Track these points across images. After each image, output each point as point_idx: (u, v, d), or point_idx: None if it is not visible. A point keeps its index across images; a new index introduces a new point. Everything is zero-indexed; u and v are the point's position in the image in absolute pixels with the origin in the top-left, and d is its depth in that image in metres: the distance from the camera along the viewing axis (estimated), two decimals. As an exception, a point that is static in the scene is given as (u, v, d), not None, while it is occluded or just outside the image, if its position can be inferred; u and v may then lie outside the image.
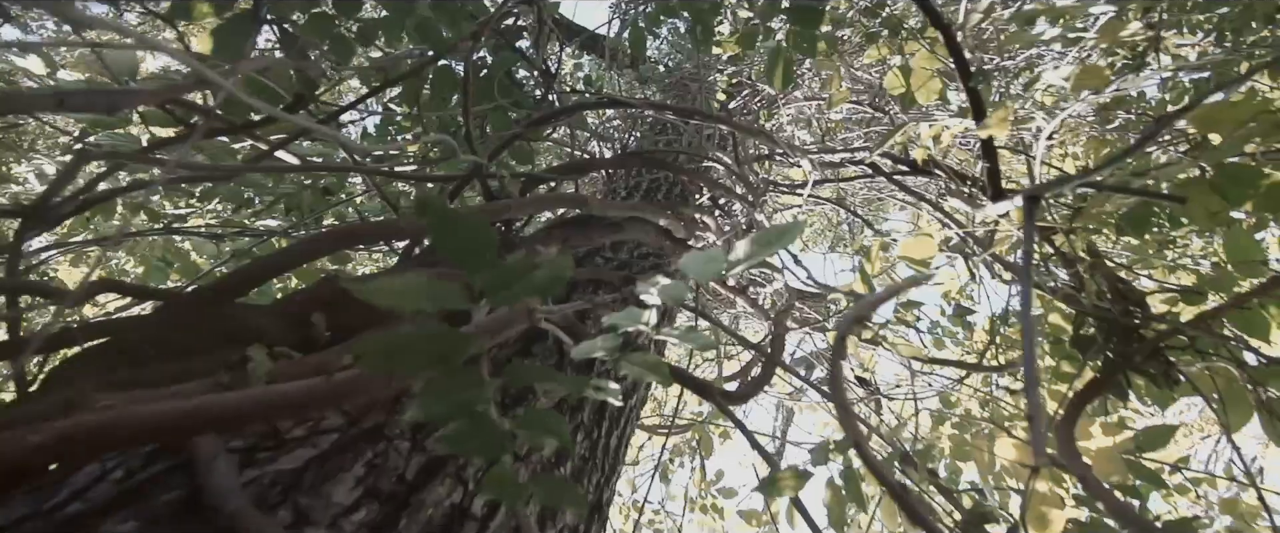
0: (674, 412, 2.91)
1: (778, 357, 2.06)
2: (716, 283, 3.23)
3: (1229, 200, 1.63)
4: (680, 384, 2.00)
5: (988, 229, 1.73)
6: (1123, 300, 1.70)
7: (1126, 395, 1.68)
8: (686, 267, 0.81)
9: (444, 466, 1.08)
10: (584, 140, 3.61)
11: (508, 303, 0.59)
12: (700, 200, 3.19)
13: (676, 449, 4.19)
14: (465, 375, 0.64)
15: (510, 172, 1.92)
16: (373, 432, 1.06)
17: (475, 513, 1.06)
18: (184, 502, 0.79)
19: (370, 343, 0.58)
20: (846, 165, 3.16)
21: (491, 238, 0.58)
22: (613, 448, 1.82)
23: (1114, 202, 1.70)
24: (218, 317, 1.14)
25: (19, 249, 1.15)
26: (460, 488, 1.07)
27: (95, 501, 0.80)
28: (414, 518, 0.97)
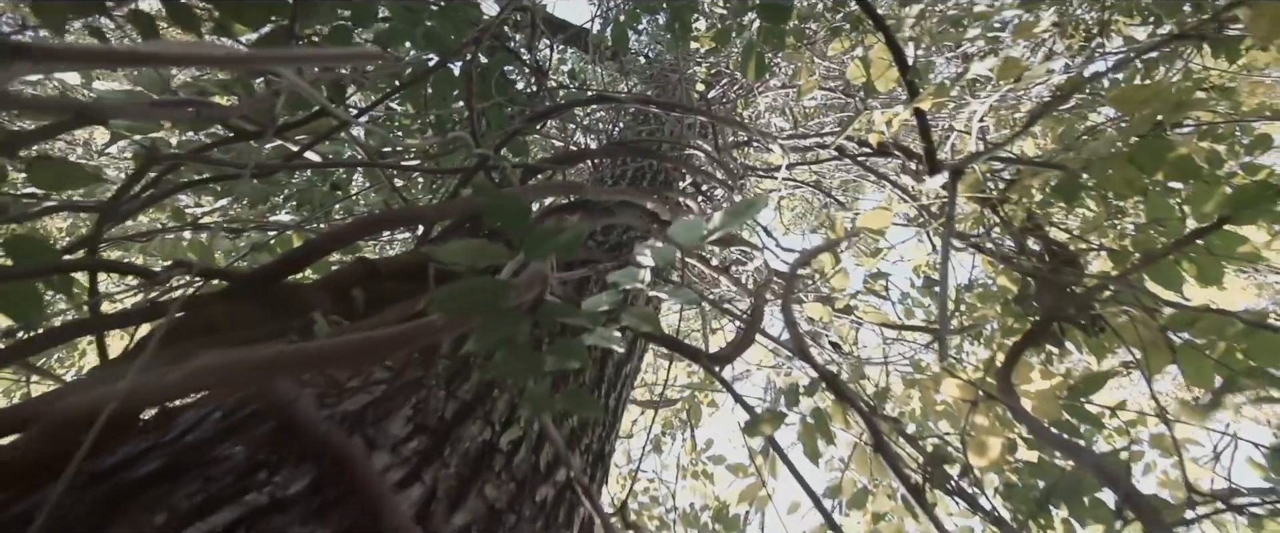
0: (664, 384, 3.12)
1: (757, 323, 2.26)
2: (703, 265, 3.44)
3: (1143, 171, 1.86)
4: (669, 349, 2.21)
5: (941, 202, 1.94)
6: (1057, 261, 1.92)
7: (1062, 344, 1.91)
8: (673, 233, 1.02)
9: (474, 410, 1.28)
10: (572, 132, 3.80)
11: (542, 257, 0.79)
12: (683, 185, 3.39)
13: (667, 422, 4.42)
14: (507, 316, 0.83)
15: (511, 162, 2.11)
16: (414, 382, 1.25)
17: (502, 448, 1.26)
18: (277, 431, 0.98)
19: (442, 293, 0.78)
20: (815, 149, 3.37)
21: (529, 209, 0.77)
22: (611, 407, 2.02)
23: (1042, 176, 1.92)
24: (274, 293, 1.33)
25: (99, 237, 1.33)
26: (489, 428, 1.27)
27: (205, 434, 0.99)
28: (454, 449, 1.17)
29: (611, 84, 5.45)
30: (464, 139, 1.51)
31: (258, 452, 0.95)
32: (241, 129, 1.52)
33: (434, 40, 1.67)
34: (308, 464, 0.93)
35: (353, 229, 1.35)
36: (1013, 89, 1.96)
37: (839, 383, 1.27)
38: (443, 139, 1.87)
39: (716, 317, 4.12)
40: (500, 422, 1.32)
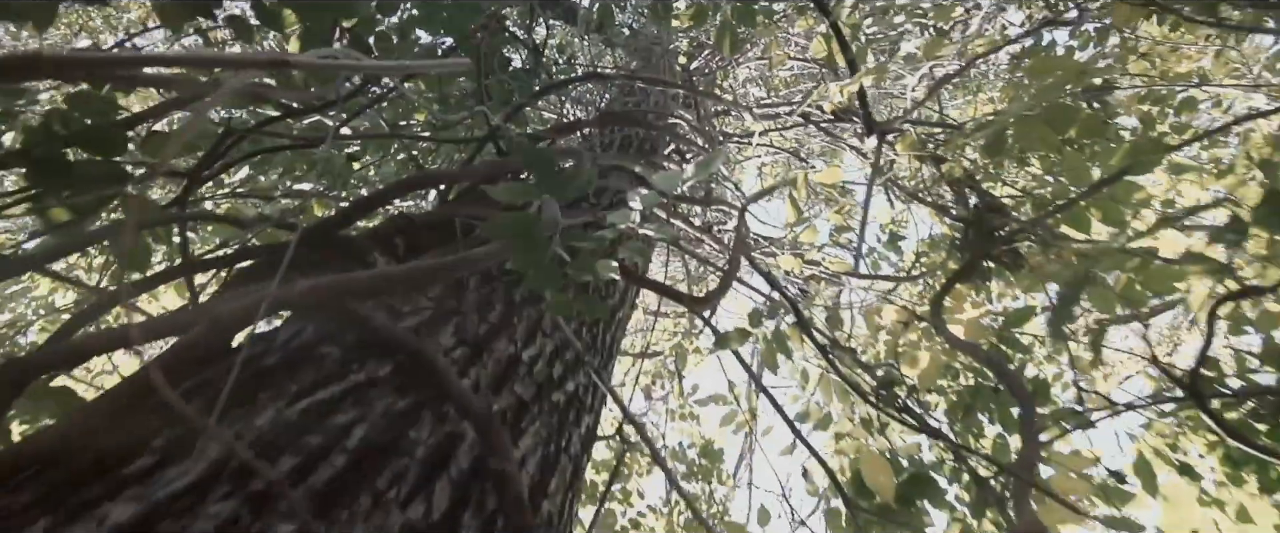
0: (651, 326, 3.45)
1: (734, 270, 2.56)
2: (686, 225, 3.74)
3: (1056, 131, 2.17)
4: (658, 292, 2.52)
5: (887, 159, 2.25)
6: (987, 210, 2.23)
7: (988, 279, 2.23)
8: (656, 181, 1.31)
9: (500, 331, 1.59)
10: (563, 103, 4.06)
11: (564, 198, 1.08)
12: (667, 151, 3.68)
13: (657, 372, 4.76)
14: (539, 241, 1.13)
15: (516, 132, 2.39)
16: (452, 310, 1.55)
17: (524, 359, 1.57)
18: (359, 340, 1.28)
19: (496, 222, 1.07)
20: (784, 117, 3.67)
21: (554, 159, 1.07)
22: (607, 344, 2.33)
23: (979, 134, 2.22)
24: (332, 241, 1.62)
25: (187, 199, 1.61)
26: (513, 345, 1.58)
27: (305, 340, 1.28)
28: (488, 359, 1.47)
29: (598, 56, 5.69)
30: (483, 112, 1.78)
31: (348, 351, 1.25)
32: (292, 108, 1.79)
33: (451, 25, 1.92)
34: (387, 359, 1.23)
35: (395, 189, 1.63)
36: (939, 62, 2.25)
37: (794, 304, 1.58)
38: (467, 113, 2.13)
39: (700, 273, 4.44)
40: (521, 341, 1.62)
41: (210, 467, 0.84)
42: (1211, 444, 2.19)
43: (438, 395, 1.19)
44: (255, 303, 1.04)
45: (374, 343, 1.26)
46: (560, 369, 1.74)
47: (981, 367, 2.10)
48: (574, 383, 1.80)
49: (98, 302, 1.43)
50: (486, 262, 1.33)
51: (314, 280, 1.21)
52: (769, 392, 2.31)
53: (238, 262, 1.52)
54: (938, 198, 2.34)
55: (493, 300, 1.70)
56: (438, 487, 1.04)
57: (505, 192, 1.04)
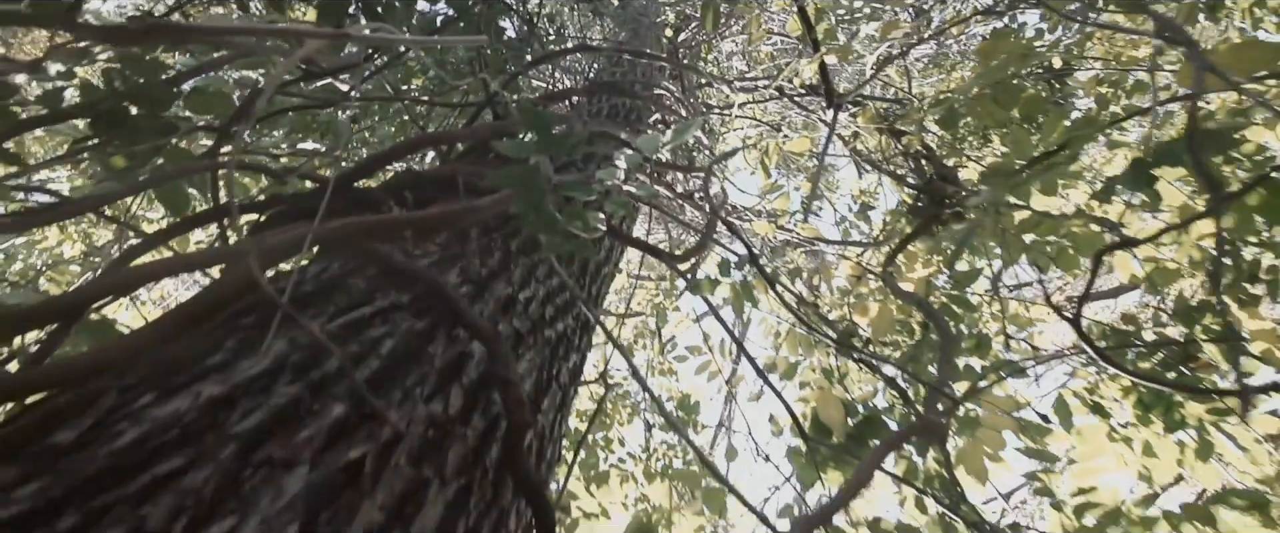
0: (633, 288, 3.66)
1: (712, 230, 2.78)
2: (668, 190, 3.94)
3: (1002, 108, 2.39)
4: (641, 250, 2.73)
5: (852, 131, 2.46)
6: (939, 178, 2.46)
7: (938, 240, 2.46)
8: (639, 143, 1.51)
9: (499, 274, 1.79)
10: (552, 71, 4.21)
11: (560, 155, 1.27)
12: (652, 120, 3.86)
13: (639, 332, 5.00)
14: (538, 189, 1.33)
15: (511, 98, 2.56)
16: (457, 255, 1.75)
17: (520, 300, 1.78)
18: (381, 274, 1.48)
19: (502, 173, 1.27)
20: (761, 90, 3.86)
21: (553, 119, 1.26)
22: (594, 293, 2.55)
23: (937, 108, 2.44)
24: (350, 192, 1.80)
25: (217, 151, 1.78)
26: (510, 287, 1.78)
27: (333, 274, 1.48)
28: (489, 297, 1.67)
29: (586, 26, 5.81)
30: (483, 79, 1.97)
31: (372, 282, 1.45)
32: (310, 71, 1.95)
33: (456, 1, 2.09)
34: (406, 290, 1.44)
35: (407, 146, 1.81)
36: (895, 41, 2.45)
37: (755, 257, 1.79)
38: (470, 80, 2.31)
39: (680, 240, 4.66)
40: (517, 283, 1.82)
41: (274, 361, 1.05)
42: (1126, 390, 2.46)
43: (451, 320, 1.40)
44: (300, 236, 1.23)
45: (393, 276, 1.46)
46: (551, 311, 1.95)
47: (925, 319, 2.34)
48: (563, 324, 2.01)
49: (145, 239, 1.61)
50: (492, 211, 1.53)
51: (347, 220, 1.41)
52: (741, 343, 2.54)
53: (268, 209, 1.71)
54: (897, 168, 2.56)
55: (492, 249, 1.89)
56: (453, 391, 1.25)
57: (511, 147, 1.24)
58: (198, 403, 0.92)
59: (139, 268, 1.52)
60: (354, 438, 0.98)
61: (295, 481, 0.86)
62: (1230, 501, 1.91)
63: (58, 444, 0.81)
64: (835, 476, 2.55)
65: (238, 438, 0.87)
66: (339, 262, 1.53)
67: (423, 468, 1.05)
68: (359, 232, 1.40)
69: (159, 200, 1.62)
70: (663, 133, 3.63)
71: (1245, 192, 1.46)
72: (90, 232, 3.65)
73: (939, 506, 2.31)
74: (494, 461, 1.24)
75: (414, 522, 0.98)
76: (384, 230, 1.46)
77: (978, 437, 2.16)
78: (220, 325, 1.19)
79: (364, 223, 1.41)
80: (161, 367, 1.00)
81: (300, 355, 1.08)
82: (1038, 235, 2.41)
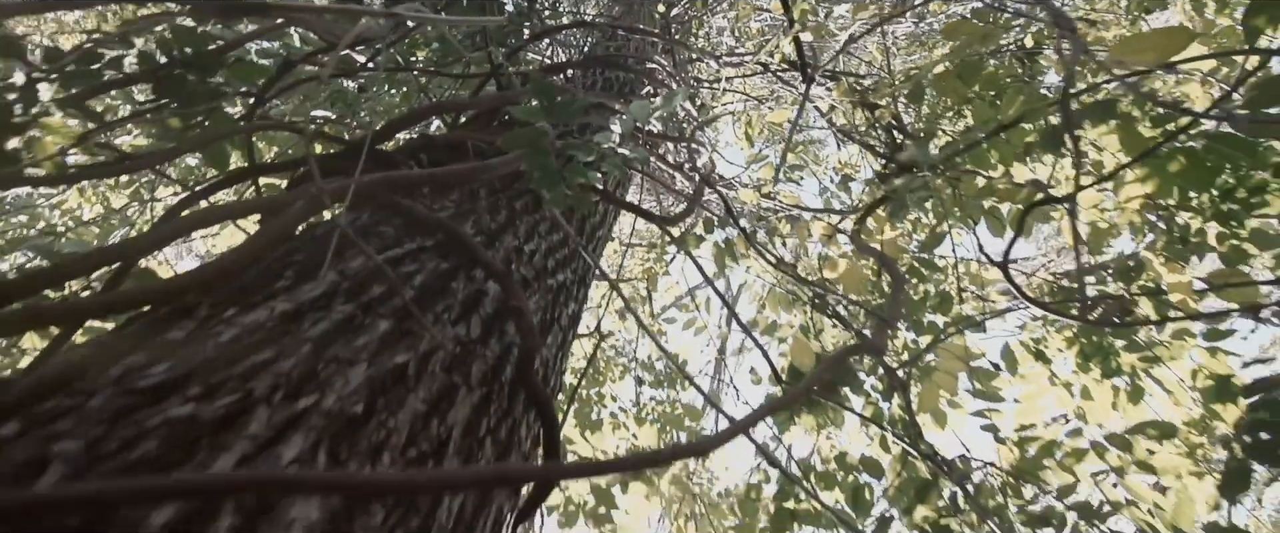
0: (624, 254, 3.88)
1: (700, 194, 2.99)
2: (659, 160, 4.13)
3: (965, 84, 2.59)
4: (633, 213, 2.94)
5: (830, 103, 2.66)
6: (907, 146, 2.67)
7: (905, 206, 2.68)
8: (631, 110, 1.71)
9: (507, 228, 1.99)
10: (549, 45, 4.37)
11: (563, 120, 1.48)
12: (644, 92, 4.04)
13: (631, 297, 5.22)
14: (544, 149, 1.53)
15: (516, 71, 2.75)
16: (470, 208, 1.95)
17: (525, 251, 1.99)
18: (406, 223, 1.69)
19: (513, 134, 1.47)
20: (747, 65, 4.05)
21: (556, 88, 1.46)
22: (591, 250, 2.77)
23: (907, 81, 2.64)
24: (373, 154, 2.00)
25: (253, 113, 1.97)
26: (516, 239, 1.99)
27: (363, 223, 1.68)
28: (499, 248, 1.88)
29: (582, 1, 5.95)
30: (487, 52, 2.15)
31: (399, 230, 1.66)
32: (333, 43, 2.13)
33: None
34: (429, 237, 1.64)
35: (421, 112, 2.01)
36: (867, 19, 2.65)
37: (736, 217, 2.01)
38: (477, 52, 2.49)
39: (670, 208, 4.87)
40: (522, 237, 2.03)
41: (329, 286, 1.26)
42: (1069, 342, 2.71)
43: (469, 262, 1.61)
44: (344, 187, 1.44)
45: (417, 225, 1.67)
46: (552, 263, 2.16)
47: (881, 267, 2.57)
48: (563, 276, 2.22)
49: (192, 193, 1.81)
50: (501, 171, 1.74)
51: (382, 173, 1.61)
52: (726, 298, 2.77)
53: (298, 167, 1.90)
54: (871, 139, 2.77)
55: (499, 206, 2.10)
56: (473, 319, 1.47)
57: (521, 112, 1.44)
58: (273, 315, 1.13)
59: (191, 216, 1.72)
60: (398, 348, 1.20)
61: (357, 374, 1.08)
62: (1146, 431, 2.17)
63: (170, 339, 1.02)
64: (808, 420, 2.79)
65: (310, 340, 1.08)
66: (368, 212, 1.73)
67: (453, 375, 1.27)
68: (392, 184, 1.60)
69: (205, 158, 1.81)
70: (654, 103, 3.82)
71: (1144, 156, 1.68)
72: (108, 194, 3.82)
73: (900, 444, 2.57)
74: (508, 378, 1.46)
75: (448, 415, 1.20)
76: (411, 184, 1.67)
77: (934, 380, 2.40)
78: (277, 260, 1.40)
79: (397, 176, 1.61)
80: (237, 288, 1.21)
81: (350, 283, 1.29)
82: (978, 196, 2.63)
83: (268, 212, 1.64)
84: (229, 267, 1.27)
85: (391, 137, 2.02)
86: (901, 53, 4.60)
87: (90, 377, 0.90)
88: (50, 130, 1.31)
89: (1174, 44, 1.70)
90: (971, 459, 2.32)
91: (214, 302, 1.16)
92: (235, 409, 0.88)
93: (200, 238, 4.51)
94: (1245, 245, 2.10)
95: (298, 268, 1.32)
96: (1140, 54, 1.67)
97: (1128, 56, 1.69)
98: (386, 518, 0.94)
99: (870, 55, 4.82)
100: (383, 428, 1.03)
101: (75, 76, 1.33)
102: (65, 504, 0.66)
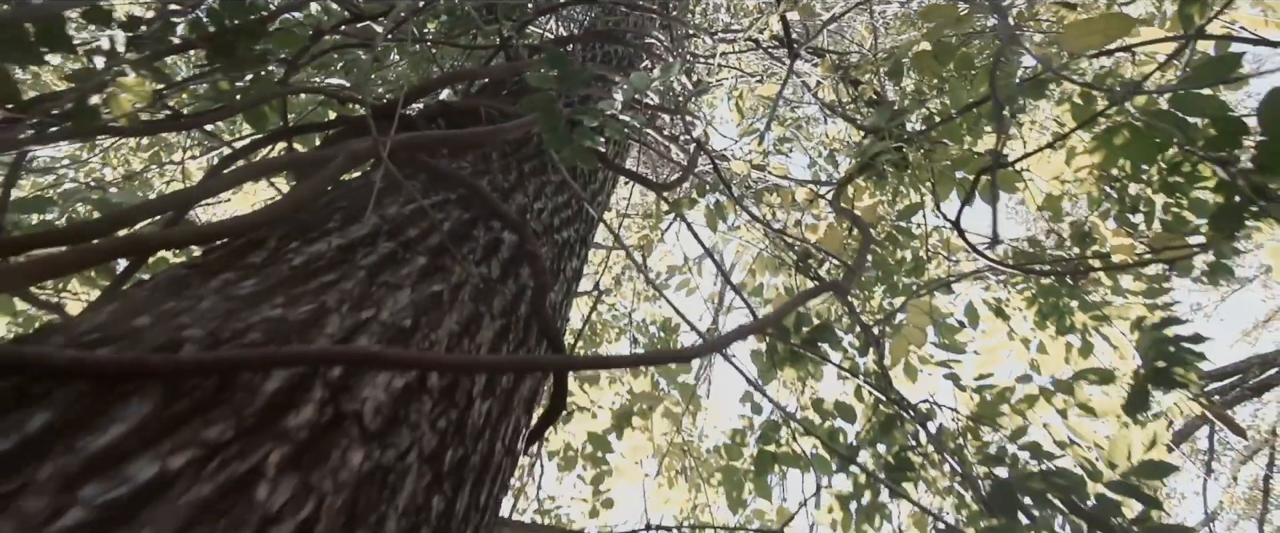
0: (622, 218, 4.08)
1: (694, 163, 3.18)
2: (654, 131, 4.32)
3: (940, 63, 2.79)
4: (630, 178, 3.14)
5: (815, 78, 2.85)
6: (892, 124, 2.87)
7: (884, 177, 2.89)
8: (630, 81, 1.91)
9: (518, 187, 2.19)
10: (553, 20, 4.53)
11: (573, 86, 1.67)
12: (643, 66, 4.22)
13: (625, 265, 5.44)
14: (554, 113, 1.73)
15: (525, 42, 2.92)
16: (484, 168, 2.15)
17: (534, 209, 2.19)
18: (430, 178, 1.88)
19: (529, 100, 1.66)
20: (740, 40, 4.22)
21: (567, 59, 1.65)
22: (592, 215, 2.97)
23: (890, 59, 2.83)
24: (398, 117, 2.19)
25: (289, 78, 2.16)
26: (526, 197, 2.19)
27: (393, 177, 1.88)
28: (511, 204, 2.08)
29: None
30: (500, 28, 2.33)
31: (425, 184, 1.85)
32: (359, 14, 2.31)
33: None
34: (452, 190, 1.84)
35: (441, 80, 2.19)
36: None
37: (727, 182, 2.21)
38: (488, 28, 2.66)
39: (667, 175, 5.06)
40: (531, 196, 2.24)
41: (373, 226, 1.46)
42: (1028, 301, 2.94)
43: (488, 214, 1.82)
44: (380, 143, 1.63)
45: (440, 180, 1.87)
46: (558, 221, 2.37)
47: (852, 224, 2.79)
48: (567, 233, 2.43)
49: (234, 152, 2.00)
50: (515, 133, 1.94)
51: (410, 133, 1.80)
52: (716, 260, 2.98)
53: (328, 128, 2.09)
54: (855, 113, 2.96)
55: (510, 168, 2.30)
56: (493, 261, 1.67)
57: (536, 80, 1.63)
58: (331, 248, 1.34)
59: (239, 170, 1.91)
60: (434, 278, 1.41)
61: (404, 296, 1.29)
62: (1088, 377, 2.41)
63: (252, 262, 1.23)
64: (790, 372, 3.03)
65: (364, 268, 1.29)
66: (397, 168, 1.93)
67: (479, 305, 1.49)
68: (419, 144, 1.80)
69: (246, 119, 2.00)
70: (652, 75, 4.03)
71: (1079, 127, 1.89)
72: (129, 158, 3.98)
73: (873, 393, 2.80)
74: (524, 313, 1.68)
75: (477, 336, 1.41)
76: (434, 144, 1.86)
77: (904, 335, 2.63)
78: (323, 206, 1.60)
79: (423, 136, 1.81)
80: (297, 226, 1.42)
81: (389, 225, 1.49)
82: (967, 171, 2.84)
83: (307, 166, 1.83)
84: (284, 210, 1.47)
85: (416, 101, 2.21)
86: (891, 32, 4.78)
87: (194, 286, 1.11)
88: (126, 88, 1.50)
89: (1117, 28, 1.90)
90: (935, 404, 2.56)
91: (280, 236, 1.36)
92: (315, 314, 1.09)
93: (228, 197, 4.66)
94: (1185, 214, 2.33)
95: (343, 213, 1.52)
96: (1087, 37, 1.87)
97: (1076, 39, 1.89)
98: (433, 407, 1.15)
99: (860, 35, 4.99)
100: (427, 339, 1.25)
101: (146, 42, 1.51)
102: (207, 367, 0.87)
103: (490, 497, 1.31)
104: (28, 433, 0.74)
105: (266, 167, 1.76)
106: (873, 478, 2.35)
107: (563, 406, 1.72)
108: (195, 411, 0.83)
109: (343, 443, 0.92)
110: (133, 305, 1.04)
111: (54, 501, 0.67)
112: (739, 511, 3.11)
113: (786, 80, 2.17)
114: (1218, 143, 1.87)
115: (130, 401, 0.81)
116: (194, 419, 0.83)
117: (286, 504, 0.80)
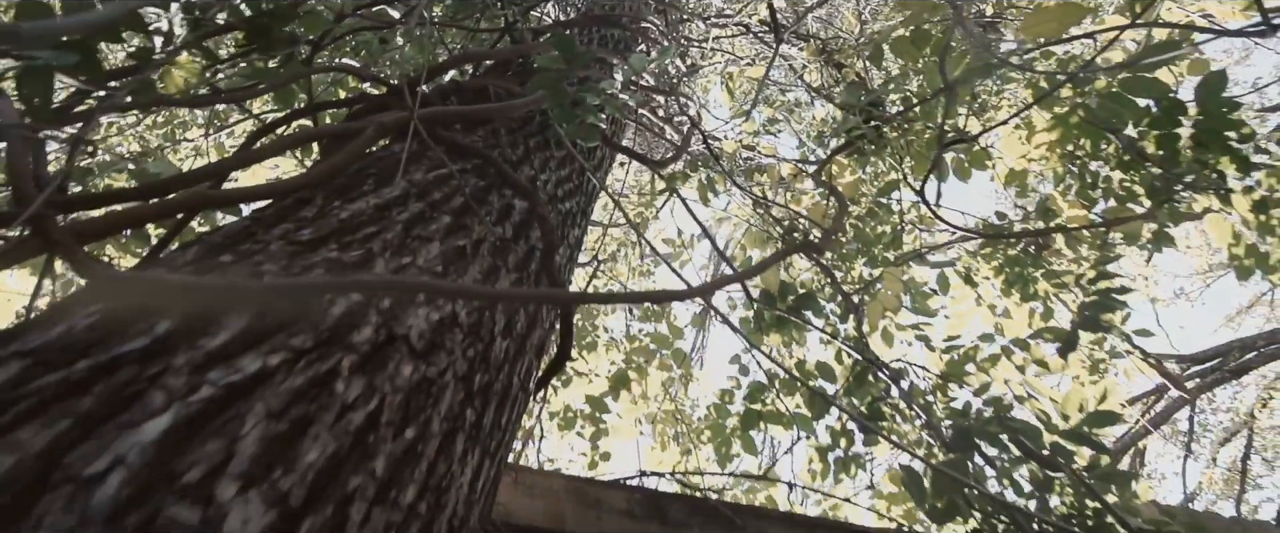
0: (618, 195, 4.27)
1: (688, 140, 3.37)
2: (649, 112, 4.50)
3: (918, 48, 2.97)
4: (628, 156, 3.33)
5: (803, 61, 3.04)
6: (871, 105, 3.06)
7: (864, 154, 3.08)
8: (629, 62, 2.09)
9: (525, 161, 2.38)
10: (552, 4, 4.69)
11: (580, 66, 1.85)
12: (639, 49, 4.38)
13: (621, 242, 5.65)
14: (561, 91, 1.91)
15: (525, 27, 3.09)
16: (494, 144, 2.34)
17: (541, 180, 2.38)
18: (447, 149, 2.06)
19: (538, 78, 1.84)
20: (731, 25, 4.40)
21: (574, 41, 1.83)
22: (591, 189, 3.16)
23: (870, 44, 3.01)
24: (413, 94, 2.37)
25: (313, 59, 2.33)
26: (532, 170, 2.38)
27: (416, 148, 2.06)
28: (520, 173, 2.27)
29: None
30: (506, 13, 2.51)
31: (445, 154, 2.04)
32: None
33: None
34: (468, 162, 2.03)
35: (454, 60, 2.37)
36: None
37: (717, 158, 2.40)
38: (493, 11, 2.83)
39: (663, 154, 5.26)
40: (537, 168, 2.42)
41: (403, 189, 1.65)
42: (996, 270, 3.16)
43: (499, 183, 2.00)
44: (405, 118, 1.81)
45: (455, 151, 2.05)
46: (562, 192, 2.56)
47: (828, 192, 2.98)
48: (569, 204, 2.62)
49: (263, 126, 2.18)
50: (522, 109, 2.12)
51: (428, 108, 1.98)
52: (711, 236, 3.18)
53: (351, 104, 2.27)
54: (839, 96, 3.15)
55: (517, 143, 2.48)
56: (507, 224, 1.86)
57: (545, 61, 1.82)
58: (370, 206, 1.52)
59: (270, 144, 2.09)
60: (458, 235, 1.60)
61: (433, 248, 1.48)
62: (1044, 336, 2.63)
63: (305, 216, 1.41)
64: (776, 337, 3.24)
65: (400, 223, 1.48)
66: (416, 141, 2.11)
67: (496, 259, 1.68)
68: (436, 118, 1.98)
69: (274, 97, 2.17)
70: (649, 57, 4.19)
71: (1033, 105, 2.09)
72: (144, 135, 4.13)
73: (852, 354, 3.02)
74: (534, 270, 1.87)
75: (496, 286, 1.61)
76: (449, 119, 2.04)
77: (880, 301, 2.84)
78: (355, 173, 1.78)
79: (440, 111, 1.99)
80: (337, 188, 1.60)
81: (417, 189, 1.68)
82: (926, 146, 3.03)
83: (336, 139, 2.01)
84: (325, 174, 1.66)
85: (432, 80, 2.38)
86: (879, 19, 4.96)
87: (259, 235, 1.30)
88: (179, 66, 1.66)
89: (1070, 17, 2.09)
90: (908, 365, 2.78)
91: (324, 195, 1.55)
92: (363, 258, 1.29)
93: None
94: (1135, 188, 2.53)
95: (375, 178, 1.71)
96: (1043, 26, 2.06)
97: (1035, 28, 2.08)
98: (464, 338, 1.35)
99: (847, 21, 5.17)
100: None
101: (196, 23, 1.69)
102: (282, 292, 1.06)
103: (510, 420, 1.51)
104: (157, 334, 0.93)
105: (301, 138, 1.93)
106: (851, 418, 2.56)
107: (568, 354, 1.92)
108: (280, 326, 1.03)
109: (396, 357, 1.12)
110: (216, 246, 1.23)
111: (189, 379, 0.87)
112: (727, 466, 3.34)
113: (771, 63, 2.35)
114: (1160, 122, 2.07)
115: (230, 316, 1.00)
116: (280, 332, 1.02)
117: (359, 397, 0.99)
